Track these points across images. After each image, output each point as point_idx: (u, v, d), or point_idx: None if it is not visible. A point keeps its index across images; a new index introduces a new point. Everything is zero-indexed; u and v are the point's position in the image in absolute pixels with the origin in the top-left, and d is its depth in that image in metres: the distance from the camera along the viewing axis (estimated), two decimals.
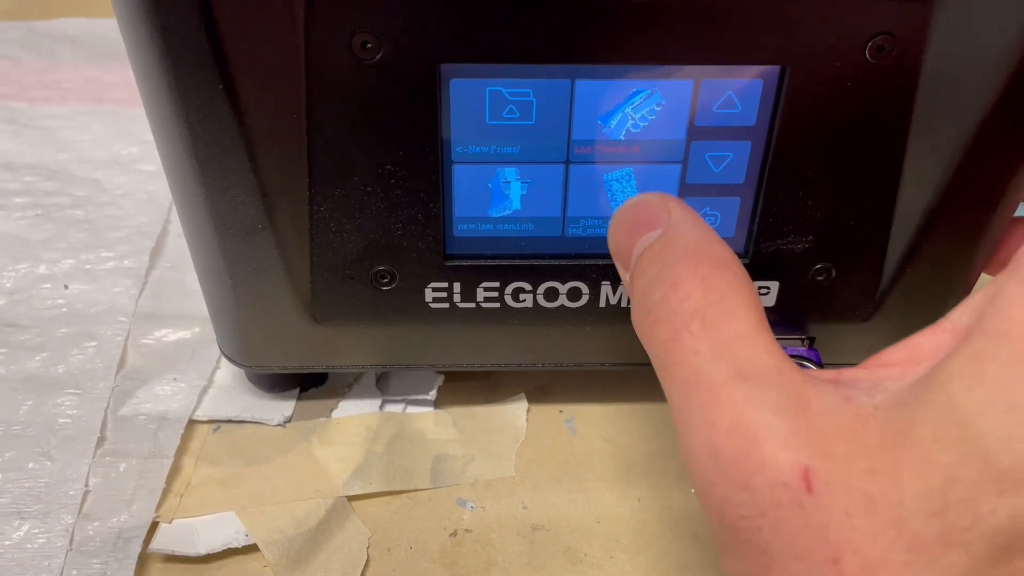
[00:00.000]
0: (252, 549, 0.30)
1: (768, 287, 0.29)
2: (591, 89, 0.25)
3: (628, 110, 0.26)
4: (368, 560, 0.30)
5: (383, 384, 0.36)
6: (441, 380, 0.36)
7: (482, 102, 0.26)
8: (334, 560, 0.30)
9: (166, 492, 0.31)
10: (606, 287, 0.29)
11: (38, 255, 0.41)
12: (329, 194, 0.27)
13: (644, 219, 0.24)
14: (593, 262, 0.29)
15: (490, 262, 0.29)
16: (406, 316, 0.30)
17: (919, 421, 0.17)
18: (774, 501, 0.17)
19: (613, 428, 0.35)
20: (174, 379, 0.35)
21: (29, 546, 0.29)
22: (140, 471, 0.32)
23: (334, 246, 0.28)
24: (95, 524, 0.30)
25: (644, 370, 0.23)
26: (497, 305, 0.30)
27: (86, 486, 0.31)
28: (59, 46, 0.58)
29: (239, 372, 0.36)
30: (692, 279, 0.21)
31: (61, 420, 0.33)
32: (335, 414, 0.35)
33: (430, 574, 0.30)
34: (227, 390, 0.35)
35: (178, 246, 0.42)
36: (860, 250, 0.28)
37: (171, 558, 0.30)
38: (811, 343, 0.31)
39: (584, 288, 0.29)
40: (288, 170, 0.26)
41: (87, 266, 0.41)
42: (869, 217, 0.27)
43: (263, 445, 0.33)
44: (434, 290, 0.29)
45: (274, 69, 0.24)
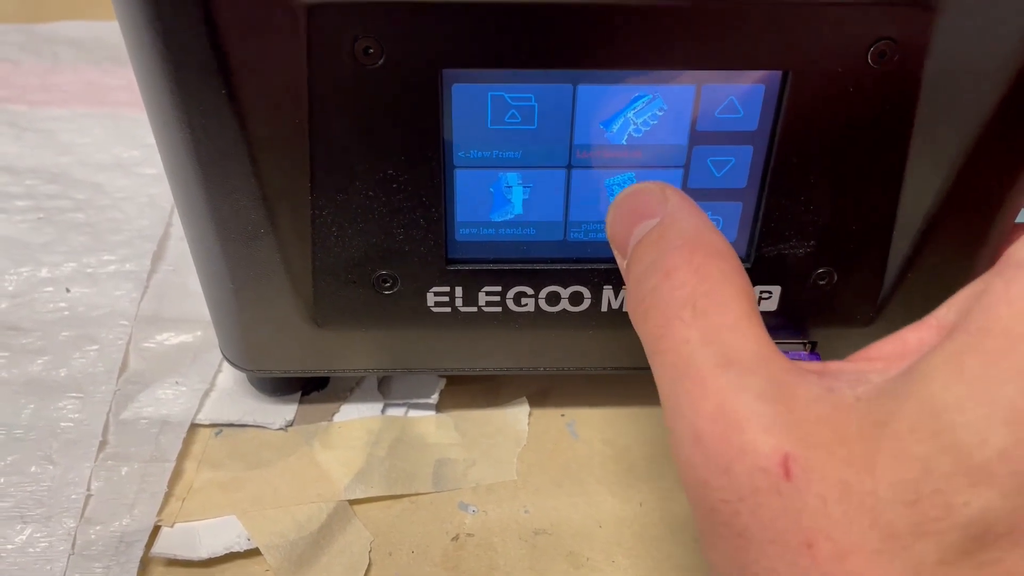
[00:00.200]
0: (254, 553, 0.30)
1: (770, 291, 0.29)
2: (593, 94, 0.26)
3: (630, 115, 0.26)
4: (370, 564, 0.30)
5: (385, 388, 0.36)
6: (443, 384, 0.36)
7: (484, 107, 0.26)
8: (336, 564, 0.30)
9: (168, 496, 0.31)
10: (608, 291, 0.29)
11: (39, 258, 0.41)
12: (331, 198, 0.27)
13: (642, 207, 0.24)
14: (595, 266, 0.29)
15: (492, 266, 0.29)
16: (408, 320, 0.30)
17: (897, 413, 0.17)
18: (753, 486, 0.17)
19: (615, 432, 0.35)
20: (176, 383, 0.35)
21: (31, 550, 0.29)
22: (142, 475, 0.32)
23: (336, 250, 0.28)
24: (97, 528, 0.30)
25: (646, 374, 0.23)
26: (499, 309, 0.30)
27: (88, 490, 0.31)
28: (60, 49, 0.58)
29: (241, 376, 0.36)
30: (686, 268, 0.21)
31: (63, 424, 0.34)
32: (337, 418, 0.35)
33: None
34: (229, 394, 0.35)
35: (180, 249, 0.42)
36: (862, 255, 0.28)
37: (173, 562, 0.30)
38: (813, 347, 0.31)
39: (586, 292, 0.29)
40: (290, 174, 0.26)
41: (88, 269, 0.41)
42: (871, 222, 0.27)
43: (265, 449, 0.33)
44: (436, 294, 0.29)
45: (276, 74, 0.24)
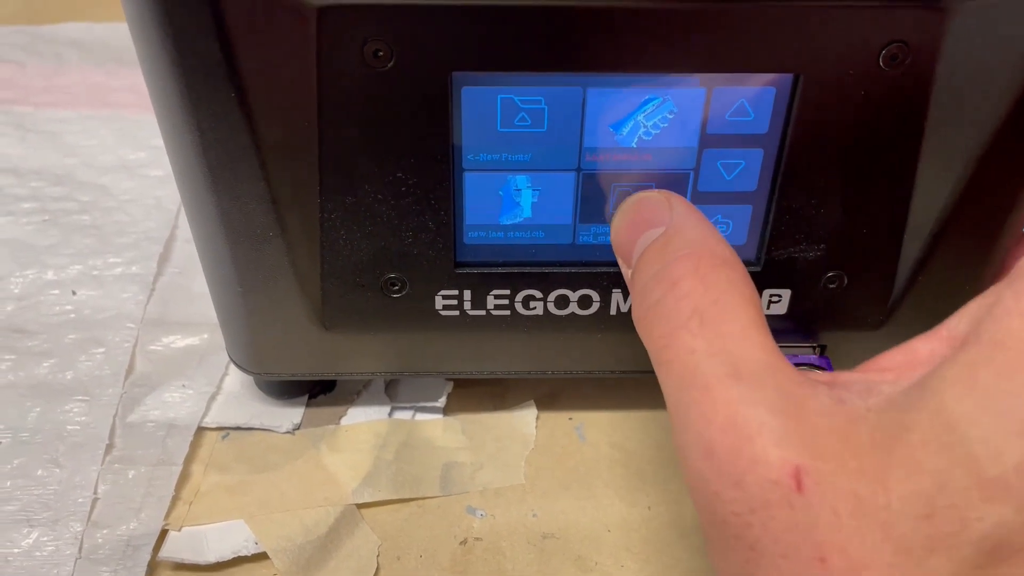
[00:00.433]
0: (261, 557, 0.30)
1: (780, 295, 0.29)
2: (603, 97, 0.25)
3: (640, 118, 0.26)
4: (378, 568, 0.30)
5: (392, 391, 0.36)
6: (450, 387, 0.36)
7: (493, 110, 0.25)
8: (344, 568, 0.30)
9: (175, 500, 0.31)
10: (617, 295, 0.29)
11: (45, 261, 0.41)
12: (340, 202, 0.26)
13: (647, 216, 0.24)
14: (604, 270, 0.29)
15: (501, 269, 0.29)
16: (416, 323, 0.30)
17: (910, 426, 0.17)
18: (764, 499, 0.17)
19: (623, 435, 0.35)
20: (183, 386, 0.35)
21: (38, 554, 0.29)
22: (149, 478, 0.32)
23: (344, 253, 0.28)
24: (104, 532, 0.30)
25: (654, 378, 0.23)
26: (507, 313, 0.30)
27: (95, 493, 0.31)
28: (65, 50, 0.58)
29: (248, 379, 0.36)
30: (692, 277, 0.21)
31: (69, 427, 0.33)
32: (344, 421, 0.35)
33: None
34: (236, 397, 0.35)
35: (186, 252, 0.42)
36: (872, 258, 0.28)
37: (180, 566, 0.30)
38: (822, 351, 0.31)
39: (595, 296, 0.29)
40: (299, 177, 0.26)
41: (95, 272, 0.41)
42: (881, 225, 0.27)
43: (272, 452, 0.33)
44: (444, 297, 0.29)
45: (286, 77, 0.24)
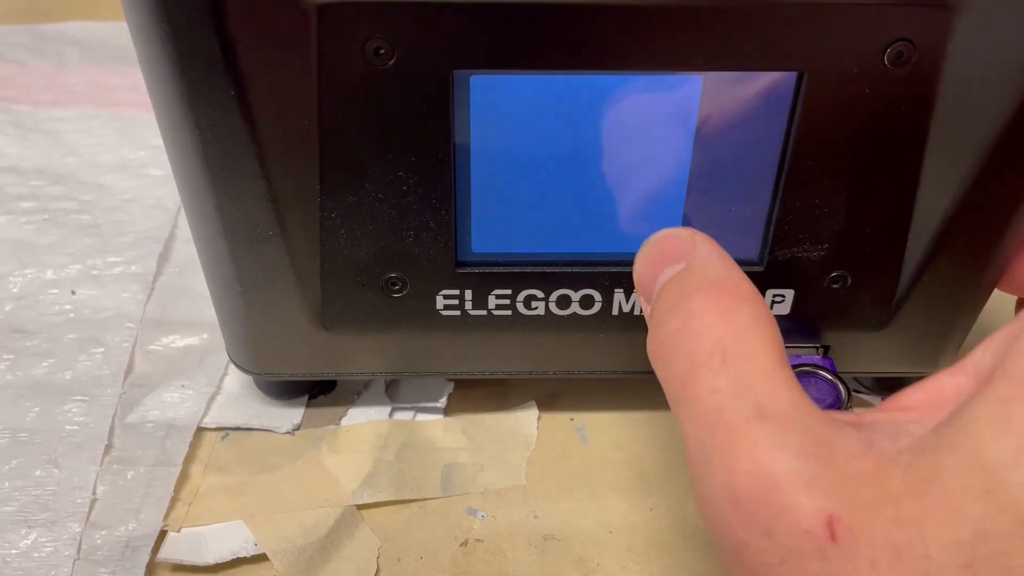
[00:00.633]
0: (261, 558, 0.30)
1: (783, 295, 0.29)
2: (605, 95, 0.25)
3: (642, 116, 0.26)
4: (378, 570, 0.30)
5: (392, 391, 0.36)
6: (451, 387, 0.36)
7: (495, 108, 0.25)
8: (344, 570, 0.30)
9: (174, 500, 0.31)
10: (619, 295, 0.29)
11: (44, 260, 0.41)
12: (340, 201, 0.26)
13: (669, 252, 0.23)
14: (606, 269, 0.29)
15: (502, 269, 0.28)
16: (417, 323, 0.29)
17: (945, 469, 0.16)
18: (796, 549, 0.17)
19: (625, 436, 0.34)
20: (182, 386, 0.35)
21: (36, 555, 0.29)
22: (148, 479, 0.32)
23: (345, 253, 0.27)
24: (103, 533, 0.30)
25: (656, 378, 0.23)
26: (509, 313, 0.29)
27: (93, 494, 0.31)
28: (66, 50, 0.58)
29: (247, 379, 0.35)
30: (712, 311, 0.20)
31: (68, 427, 0.33)
32: (344, 422, 0.34)
33: None
34: (235, 397, 0.35)
35: (186, 251, 0.42)
36: (876, 258, 0.28)
37: (179, 567, 0.30)
38: (826, 351, 0.30)
39: (597, 296, 0.29)
40: (299, 177, 0.26)
41: (94, 271, 0.41)
42: (886, 225, 0.27)
43: (272, 453, 0.33)
44: (445, 297, 0.29)
45: (286, 75, 0.24)
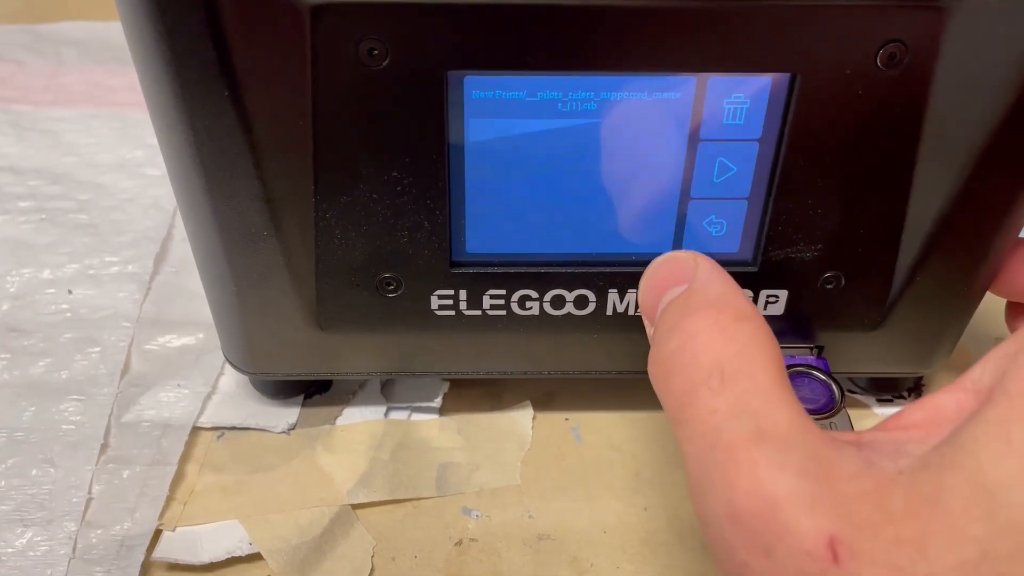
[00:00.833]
0: (256, 558, 0.30)
1: (777, 296, 0.29)
2: (598, 95, 0.25)
3: (636, 117, 0.26)
4: (373, 569, 0.30)
5: (388, 391, 0.36)
6: (446, 387, 0.36)
7: (488, 109, 0.25)
8: (339, 569, 0.30)
9: (169, 500, 0.31)
10: (613, 295, 0.29)
11: (42, 260, 0.41)
12: (335, 201, 0.26)
13: (671, 275, 0.23)
14: (600, 270, 0.29)
15: (496, 269, 0.28)
16: (411, 324, 0.30)
17: (947, 489, 0.16)
18: (798, 570, 0.17)
19: (620, 436, 0.34)
20: (178, 385, 0.35)
21: (32, 554, 0.29)
22: (143, 478, 0.32)
23: (340, 253, 0.28)
24: (98, 532, 0.30)
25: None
26: (503, 313, 0.29)
27: (89, 493, 0.31)
28: (64, 49, 0.58)
29: (243, 379, 0.36)
30: (711, 329, 0.20)
31: (64, 426, 0.33)
32: (339, 421, 0.34)
33: None
34: (231, 397, 0.35)
35: (183, 251, 0.42)
36: (870, 259, 0.28)
37: (174, 566, 0.30)
38: (820, 352, 0.30)
39: (591, 296, 0.29)
40: (294, 177, 0.26)
41: (91, 271, 0.41)
42: (879, 226, 0.27)
43: (267, 452, 0.33)
44: (440, 298, 0.29)
45: (280, 76, 0.24)
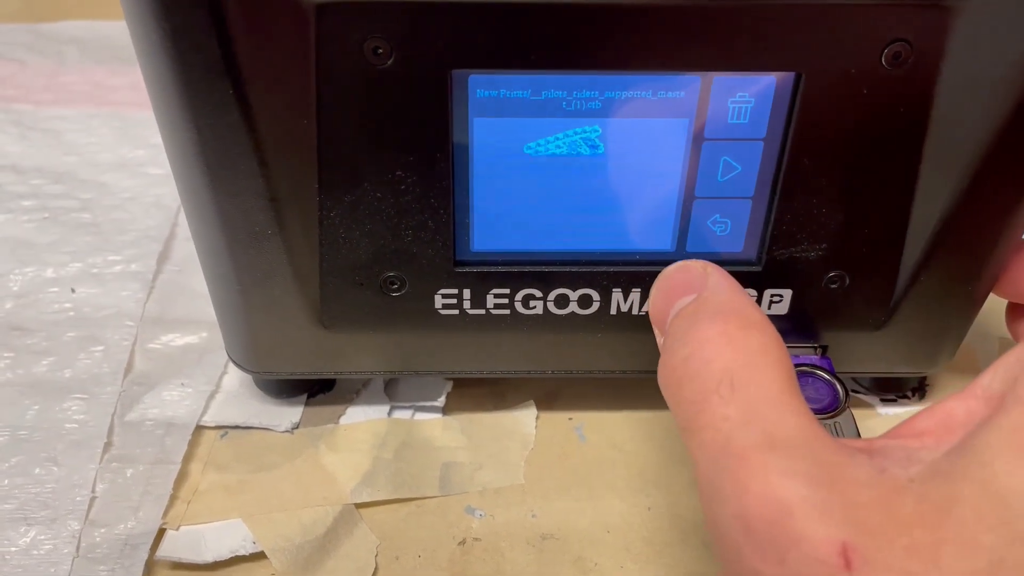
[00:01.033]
0: (259, 557, 0.30)
1: (781, 295, 0.29)
2: (602, 95, 0.25)
3: (640, 116, 0.26)
4: (376, 568, 0.30)
5: (391, 390, 0.36)
6: (450, 387, 0.36)
7: (493, 108, 0.25)
8: (342, 568, 0.30)
9: (173, 498, 0.31)
10: (617, 294, 0.29)
11: (45, 258, 0.41)
12: (339, 200, 0.26)
13: (681, 285, 0.24)
14: (604, 269, 0.29)
15: (500, 268, 0.28)
16: (415, 322, 0.30)
17: (959, 497, 0.16)
18: None
19: (623, 436, 0.34)
20: (181, 384, 0.35)
21: (35, 552, 0.29)
22: (147, 477, 0.32)
23: (343, 252, 0.28)
24: (102, 531, 0.30)
25: (654, 378, 0.23)
26: (507, 312, 0.29)
27: (93, 492, 0.31)
28: (66, 48, 0.58)
29: (247, 377, 0.36)
30: (721, 338, 0.20)
31: (68, 425, 0.33)
32: (343, 420, 0.34)
33: None
34: (235, 396, 0.35)
35: (186, 250, 0.42)
36: (874, 258, 0.28)
37: (178, 565, 0.30)
38: (824, 351, 0.30)
39: (595, 295, 0.29)
40: (298, 176, 0.26)
41: (94, 270, 0.41)
42: (883, 225, 0.27)
43: (271, 451, 0.33)
44: (444, 296, 0.29)
45: (285, 75, 0.24)
